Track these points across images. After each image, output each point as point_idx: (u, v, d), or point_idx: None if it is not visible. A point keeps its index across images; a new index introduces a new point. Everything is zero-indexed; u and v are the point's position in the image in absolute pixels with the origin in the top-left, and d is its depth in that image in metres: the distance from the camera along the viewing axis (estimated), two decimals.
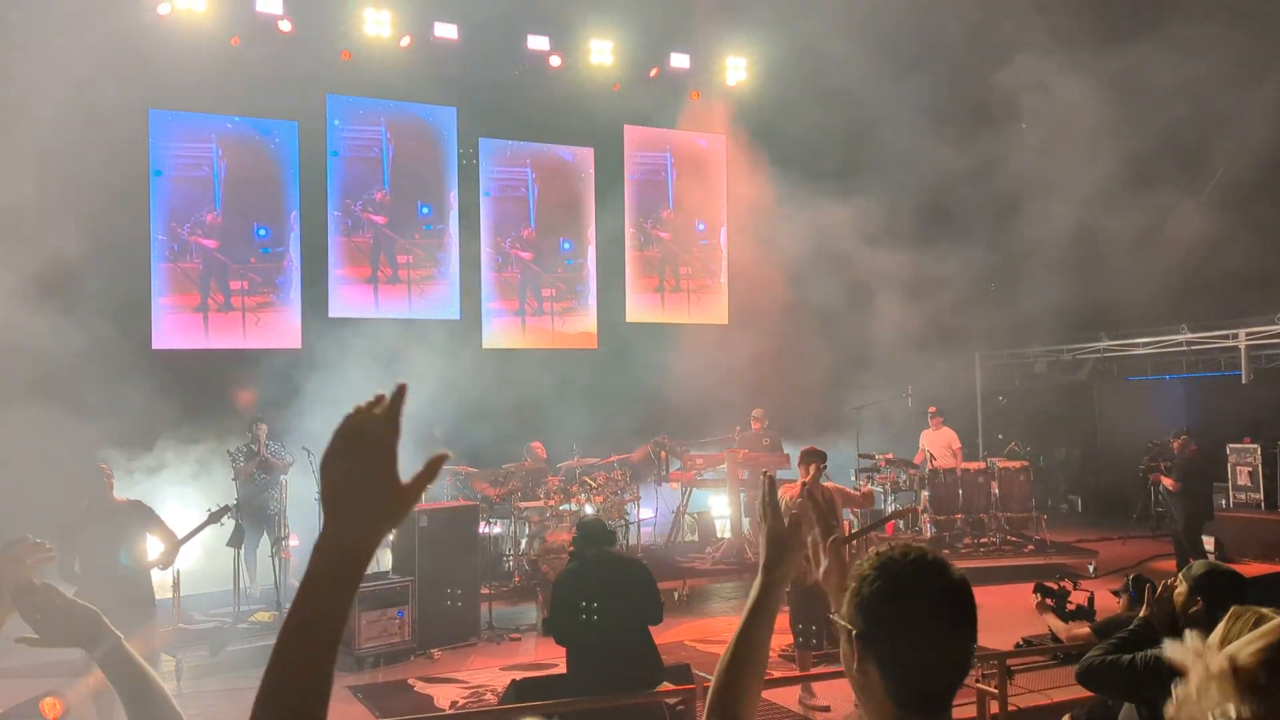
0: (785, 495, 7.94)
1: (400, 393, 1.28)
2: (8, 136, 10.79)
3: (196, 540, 7.25)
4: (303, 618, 1.21)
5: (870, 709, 1.62)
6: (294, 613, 1.21)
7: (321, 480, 1.24)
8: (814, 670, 7.73)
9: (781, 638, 9.17)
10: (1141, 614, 3.94)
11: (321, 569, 1.22)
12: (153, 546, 6.87)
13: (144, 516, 6.83)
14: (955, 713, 5.40)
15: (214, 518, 7.45)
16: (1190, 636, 2.14)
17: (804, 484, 7.86)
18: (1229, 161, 14.84)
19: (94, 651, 2.05)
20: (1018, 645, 7.88)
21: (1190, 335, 14.67)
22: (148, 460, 11.27)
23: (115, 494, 6.85)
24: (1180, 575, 3.85)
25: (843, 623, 1.65)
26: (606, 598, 5.67)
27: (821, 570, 2.05)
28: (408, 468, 1.28)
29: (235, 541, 7.73)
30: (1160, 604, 3.89)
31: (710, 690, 1.89)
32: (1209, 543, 11.98)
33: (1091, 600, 7.83)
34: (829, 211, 15.09)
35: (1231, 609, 2.37)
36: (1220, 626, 2.29)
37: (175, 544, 6.80)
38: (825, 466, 7.97)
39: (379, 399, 1.28)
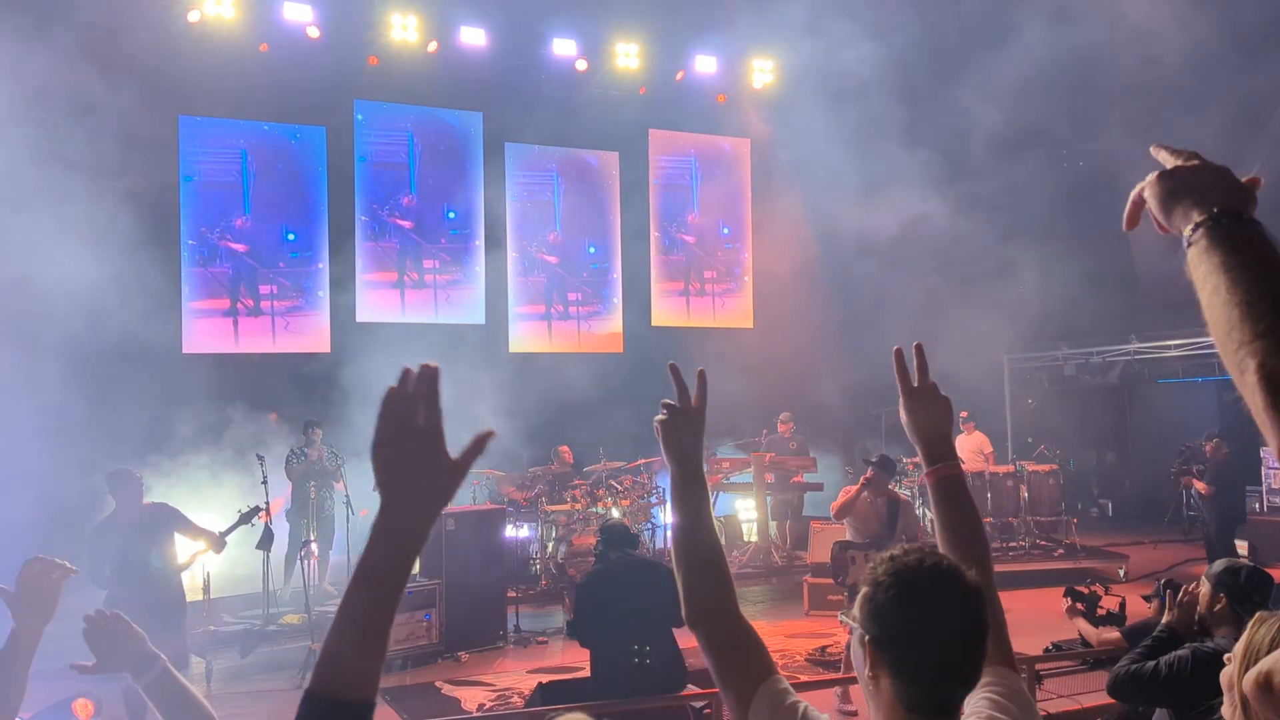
0: (842, 500, 7.88)
1: (433, 374, 1.40)
2: (39, 144, 10.93)
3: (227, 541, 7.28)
4: (356, 600, 1.28)
5: (880, 712, 1.64)
6: (349, 594, 1.28)
7: (374, 467, 1.29)
8: (848, 674, 7.69)
9: (810, 641, 9.15)
10: (1165, 620, 3.92)
11: (377, 552, 1.28)
12: (182, 548, 6.93)
13: (171, 518, 6.89)
14: None
15: (244, 519, 7.50)
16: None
17: (863, 482, 7.77)
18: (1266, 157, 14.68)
19: (141, 677, 2.08)
20: (1047, 650, 7.82)
21: None
22: (178, 463, 11.37)
23: (144, 499, 6.91)
24: (1202, 576, 3.82)
25: (856, 626, 1.65)
26: (628, 600, 5.67)
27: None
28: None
29: (265, 544, 7.77)
30: (1183, 608, 3.87)
31: (682, 602, 1.91)
32: (1242, 546, 11.84)
33: (1123, 605, 7.74)
34: (854, 215, 15.04)
35: (1256, 615, 2.34)
36: (1244, 635, 2.26)
37: (209, 543, 6.86)
38: (873, 475, 7.78)
39: (406, 373, 1.38)
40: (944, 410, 2.19)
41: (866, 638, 1.62)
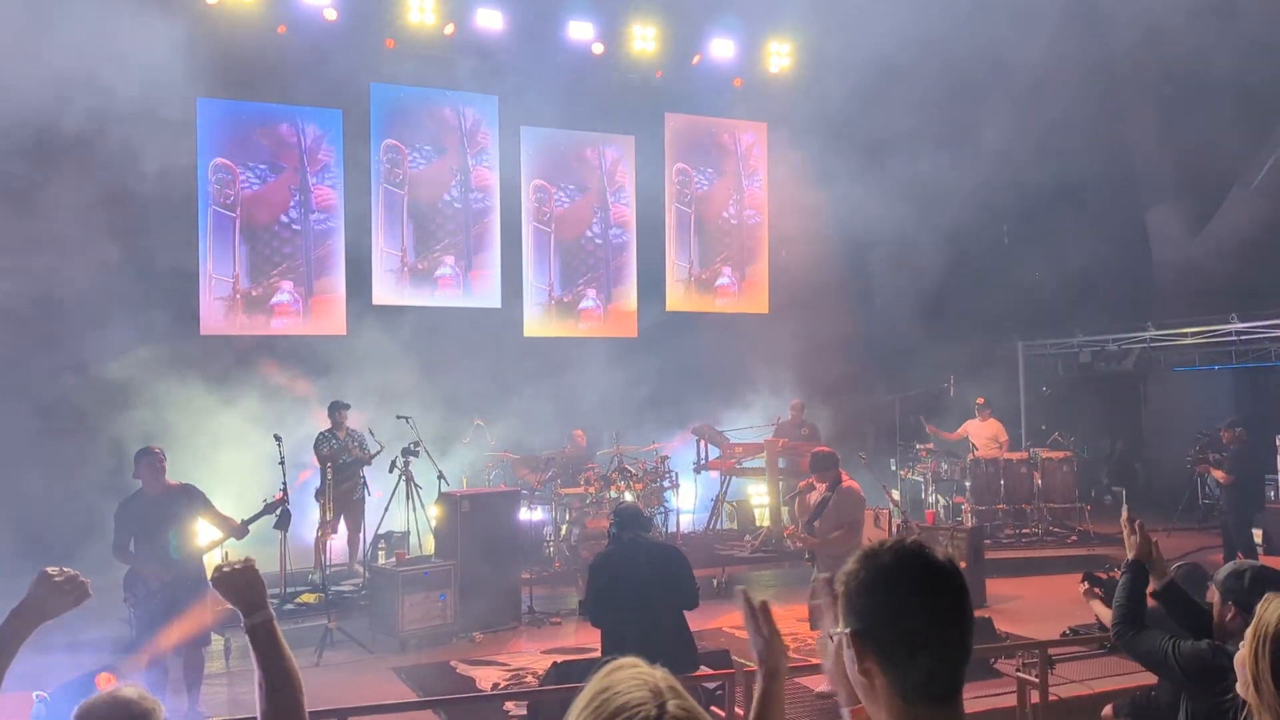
0: (809, 498, 7.96)
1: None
2: (59, 127, 11.00)
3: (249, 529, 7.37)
4: None
5: (878, 709, 1.60)
6: None
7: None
8: None
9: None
10: (1130, 556, 4.02)
11: None
12: (204, 530, 7.03)
13: (194, 500, 6.98)
14: (997, 701, 5.48)
15: (269, 509, 7.61)
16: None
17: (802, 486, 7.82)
18: None
19: (248, 619, 2.23)
20: (1064, 634, 7.83)
21: (1240, 325, 14.42)
22: (194, 445, 11.43)
23: (168, 478, 6.99)
24: (1211, 584, 3.81)
25: (839, 630, 1.63)
26: (640, 582, 5.71)
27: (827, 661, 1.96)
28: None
29: (282, 524, 7.85)
30: (1140, 537, 3.99)
31: None
32: (1257, 535, 11.81)
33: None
34: (871, 201, 14.99)
35: (1265, 595, 2.38)
36: (1255, 616, 2.32)
37: (229, 531, 6.96)
38: (827, 475, 7.87)
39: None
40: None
41: (848, 632, 1.59)
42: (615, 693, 1.32)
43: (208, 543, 7.05)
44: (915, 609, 1.56)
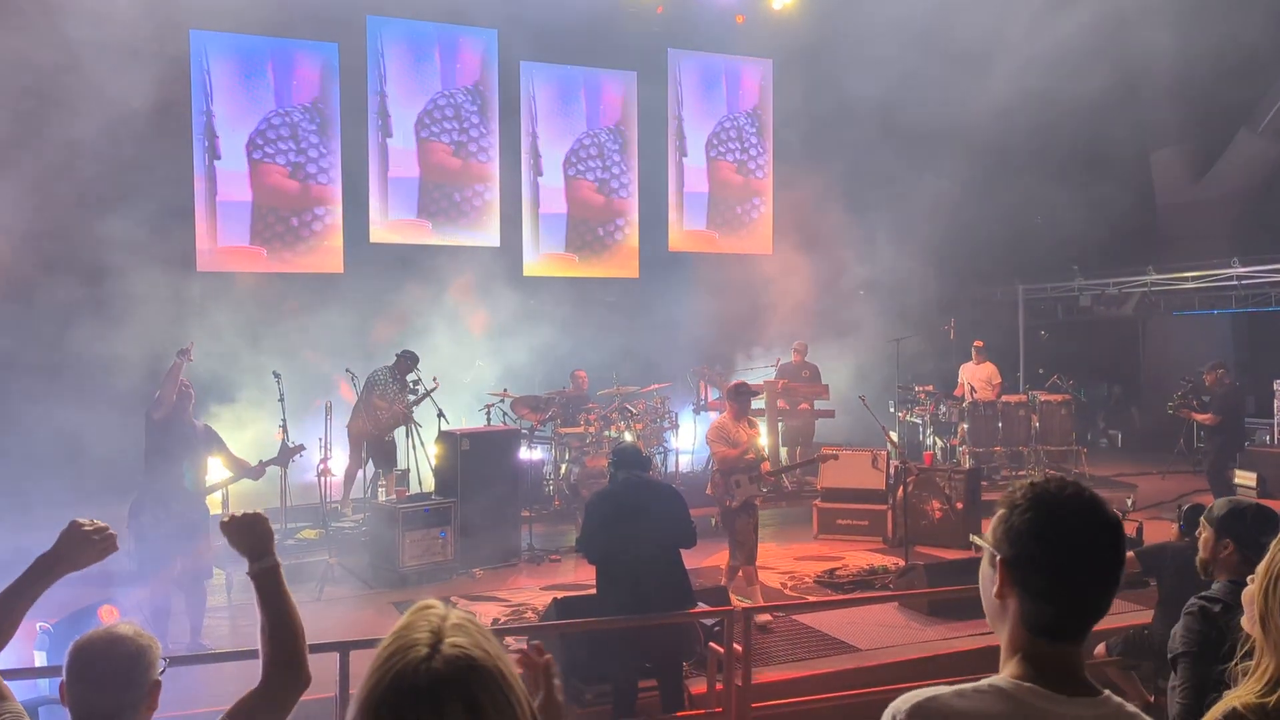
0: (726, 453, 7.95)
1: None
2: (49, 60, 10.85)
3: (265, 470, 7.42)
4: None
5: (1003, 631, 1.68)
6: None
7: None
8: (853, 595, 7.84)
9: (818, 564, 9.28)
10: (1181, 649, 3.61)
11: None
12: (213, 470, 7.12)
13: (211, 440, 7.06)
14: (990, 639, 5.47)
15: (289, 454, 7.67)
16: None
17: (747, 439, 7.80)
18: None
19: (253, 565, 2.25)
20: None
21: (1241, 269, 14.37)
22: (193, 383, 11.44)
23: (193, 415, 7.08)
24: (1202, 519, 3.69)
25: (989, 546, 1.68)
26: (636, 520, 5.73)
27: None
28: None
29: (281, 460, 7.90)
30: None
31: None
32: (1250, 478, 11.86)
33: (1140, 530, 7.84)
34: (874, 140, 14.86)
35: (1278, 536, 2.37)
36: (1267, 555, 2.31)
37: (243, 472, 7.02)
38: (734, 409, 7.98)
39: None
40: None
41: (998, 558, 1.65)
42: (400, 634, 1.32)
43: (218, 481, 7.13)
44: (1075, 561, 1.60)
